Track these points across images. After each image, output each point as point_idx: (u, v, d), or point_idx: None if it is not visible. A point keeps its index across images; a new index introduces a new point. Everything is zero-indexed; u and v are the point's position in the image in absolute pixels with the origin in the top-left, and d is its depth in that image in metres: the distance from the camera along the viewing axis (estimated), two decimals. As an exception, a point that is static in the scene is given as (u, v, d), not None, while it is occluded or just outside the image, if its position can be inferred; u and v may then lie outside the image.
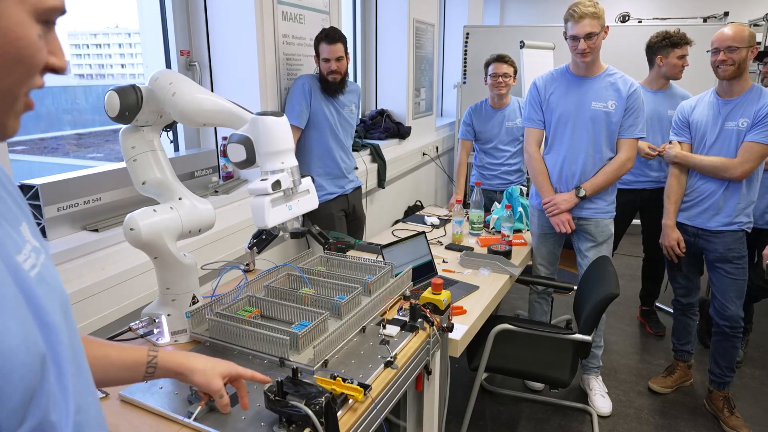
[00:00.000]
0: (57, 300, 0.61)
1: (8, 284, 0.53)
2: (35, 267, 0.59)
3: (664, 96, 3.00)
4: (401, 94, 4.06)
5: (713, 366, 2.55)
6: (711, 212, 2.43)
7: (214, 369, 1.02)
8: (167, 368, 0.98)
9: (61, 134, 5.78)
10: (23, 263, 0.57)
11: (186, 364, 1.00)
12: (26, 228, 0.63)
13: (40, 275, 0.59)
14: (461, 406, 2.41)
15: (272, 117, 1.26)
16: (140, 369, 0.95)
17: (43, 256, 0.62)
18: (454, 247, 2.63)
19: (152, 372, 0.96)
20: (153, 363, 0.96)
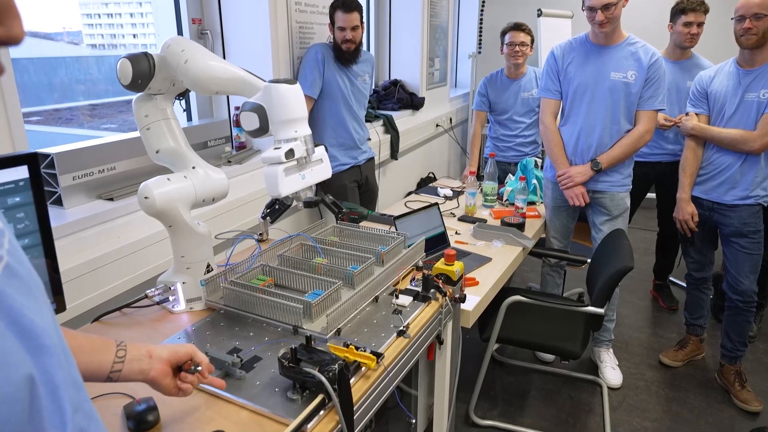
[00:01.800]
0: (30, 292, 0.51)
1: None
2: (2, 259, 0.48)
3: (684, 67, 2.90)
4: (415, 64, 4.00)
5: (725, 340, 2.54)
6: (727, 186, 2.39)
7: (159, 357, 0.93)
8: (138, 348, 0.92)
9: (75, 105, 5.79)
10: None
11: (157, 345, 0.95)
12: None
13: (8, 269, 0.49)
14: (472, 376, 2.43)
15: (285, 84, 1.25)
16: (110, 349, 0.89)
17: (6, 239, 0.51)
18: (467, 219, 2.62)
19: (123, 355, 0.89)
20: (122, 345, 0.90)
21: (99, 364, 0.86)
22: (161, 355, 0.93)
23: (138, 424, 1.01)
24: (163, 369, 0.93)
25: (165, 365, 0.93)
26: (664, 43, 2.95)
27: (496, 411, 2.42)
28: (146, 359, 0.91)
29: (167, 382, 0.94)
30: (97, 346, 0.87)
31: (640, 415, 2.40)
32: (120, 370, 0.88)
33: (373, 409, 1.19)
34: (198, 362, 0.98)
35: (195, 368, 0.97)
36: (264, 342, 1.28)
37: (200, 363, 0.98)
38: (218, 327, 1.36)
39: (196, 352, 0.98)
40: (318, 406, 1.04)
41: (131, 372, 0.89)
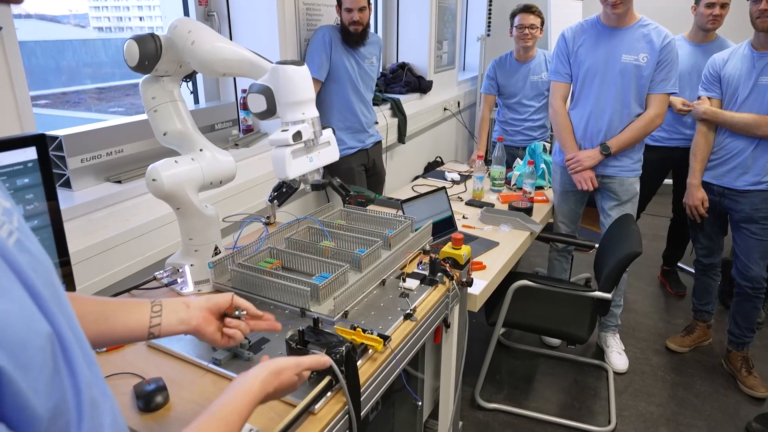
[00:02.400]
0: (40, 267, 0.53)
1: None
2: (12, 234, 0.51)
3: (707, 50, 2.77)
4: (423, 46, 3.96)
5: (733, 326, 2.53)
6: (739, 171, 2.36)
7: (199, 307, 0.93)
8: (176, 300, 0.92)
9: (82, 88, 5.78)
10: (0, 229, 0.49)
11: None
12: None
13: (19, 243, 0.51)
14: (478, 360, 2.45)
15: (293, 66, 1.23)
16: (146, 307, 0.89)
17: (16, 218, 0.54)
18: (474, 203, 2.61)
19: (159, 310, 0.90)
20: (158, 301, 0.91)
21: (136, 322, 0.87)
22: (200, 303, 0.93)
23: (147, 403, 1.02)
24: (205, 317, 0.92)
25: (206, 312, 0.92)
26: (682, 25, 2.89)
27: (501, 394, 2.44)
28: (184, 309, 0.91)
29: (212, 329, 0.93)
30: (131, 307, 0.88)
31: (645, 400, 2.40)
32: (159, 324, 0.88)
33: (380, 391, 1.20)
34: (241, 307, 0.97)
35: (239, 313, 0.96)
36: (272, 324, 1.29)
37: (244, 308, 0.97)
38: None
39: (236, 298, 0.97)
40: (325, 387, 1.04)
41: (171, 324, 0.89)
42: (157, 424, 1.00)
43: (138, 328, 0.87)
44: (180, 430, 0.97)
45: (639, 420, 2.29)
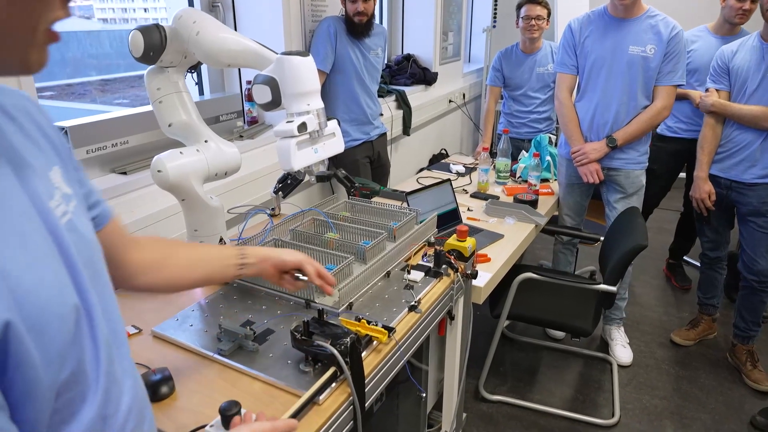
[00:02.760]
0: (86, 248, 0.60)
1: (40, 231, 0.53)
2: (66, 214, 0.58)
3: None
4: (428, 38, 3.93)
5: (738, 320, 2.53)
6: (746, 164, 2.34)
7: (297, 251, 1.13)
8: (256, 255, 1.07)
9: (87, 80, 5.79)
10: (55, 209, 0.56)
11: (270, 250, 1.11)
12: (58, 173, 0.61)
13: (71, 223, 0.58)
14: (482, 352, 2.45)
15: (298, 57, 1.23)
16: (234, 260, 1.04)
17: (74, 203, 0.61)
18: (479, 196, 2.60)
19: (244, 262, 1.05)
20: (243, 253, 1.06)
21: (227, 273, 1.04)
22: (272, 262, 1.09)
23: (154, 393, 1.03)
24: (273, 273, 1.10)
25: (274, 270, 1.09)
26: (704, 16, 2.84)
27: (505, 387, 2.44)
28: (260, 264, 1.07)
29: (274, 280, 1.12)
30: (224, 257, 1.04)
31: (649, 393, 2.40)
32: (242, 274, 1.06)
33: (384, 382, 1.20)
34: (304, 272, 1.11)
35: (297, 277, 1.12)
36: (277, 315, 1.29)
37: (307, 273, 1.11)
38: (231, 300, 1.37)
39: (304, 265, 1.11)
40: (330, 378, 1.05)
41: (250, 274, 1.08)
42: (163, 414, 1.00)
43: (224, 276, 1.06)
44: (185, 419, 0.98)
45: (643, 413, 2.29)
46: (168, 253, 0.96)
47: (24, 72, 0.52)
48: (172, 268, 0.96)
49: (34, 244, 0.51)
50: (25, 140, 0.59)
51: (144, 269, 0.91)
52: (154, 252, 0.94)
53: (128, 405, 0.62)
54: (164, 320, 1.28)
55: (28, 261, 0.49)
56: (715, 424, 2.23)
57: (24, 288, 0.48)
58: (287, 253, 1.10)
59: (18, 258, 0.49)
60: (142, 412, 0.66)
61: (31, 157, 0.58)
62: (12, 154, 0.56)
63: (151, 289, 0.96)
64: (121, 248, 0.86)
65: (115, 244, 0.83)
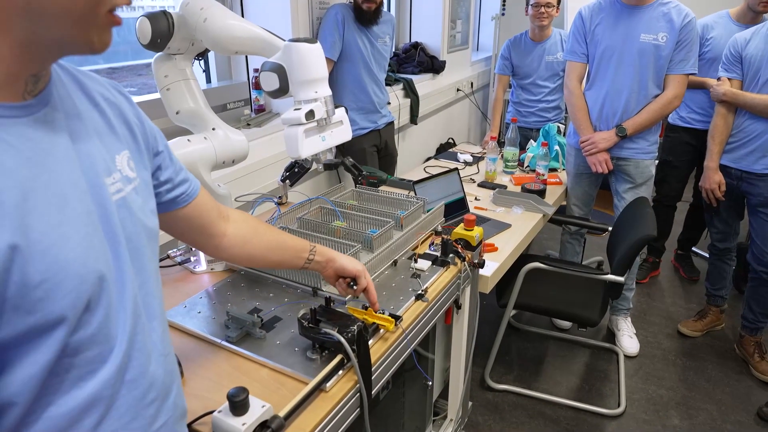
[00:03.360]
0: (133, 226, 0.66)
1: (83, 200, 0.58)
2: (120, 192, 0.64)
3: None
4: (436, 26, 3.90)
5: (747, 311, 2.51)
6: (758, 154, 2.31)
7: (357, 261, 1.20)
8: (323, 255, 1.15)
9: (95, 68, 5.79)
10: (109, 186, 0.63)
11: (336, 254, 1.17)
12: (126, 157, 0.68)
13: (123, 200, 0.65)
14: (488, 342, 2.45)
15: (306, 44, 1.22)
16: (304, 255, 1.12)
17: (132, 186, 0.67)
18: (487, 185, 2.59)
19: (312, 258, 1.13)
20: (314, 250, 1.13)
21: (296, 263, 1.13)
22: (334, 264, 1.16)
23: (162, 379, 1.04)
24: (331, 275, 1.18)
25: (333, 272, 1.17)
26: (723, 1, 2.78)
27: (511, 376, 2.45)
28: (324, 264, 1.16)
29: (330, 281, 1.21)
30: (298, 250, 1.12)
31: (655, 383, 2.40)
32: (307, 267, 1.15)
33: (391, 370, 1.21)
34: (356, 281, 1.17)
35: (351, 284, 1.18)
36: (284, 303, 1.30)
37: (358, 283, 1.17)
38: (239, 288, 1.38)
39: (359, 277, 1.17)
40: (337, 366, 1.05)
41: (312, 269, 1.16)
42: (172, 399, 1.01)
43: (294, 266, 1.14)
44: (193, 404, 0.99)
45: (649, 403, 2.29)
46: (254, 232, 1.05)
47: (90, 51, 0.57)
48: (254, 246, 1.05)
49: (71, 208, 0.56)
50: (101, 122, 0.67)
51: (231, 242, 1.00)
52: (242, 228, 1.03)
53: (153, 375, 0.67)
54: (172, 307, 1.29)
55: (60, 220, 0.54)
56: (722, 414, 2.23)
57: (45, 244, 0.52)
58: (349, 261, 1.17)
59: (49, 216, 0.54)
60: (169, 387, 0.71)
61: (99, 137, 0.65)
62: (78, 128, 0.62)
63: (233, 260, 1.05)
64: (211, 220, 0.96)
65: (204, 215, 0.94)
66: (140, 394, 0.65)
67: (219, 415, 0.89)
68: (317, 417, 0.97)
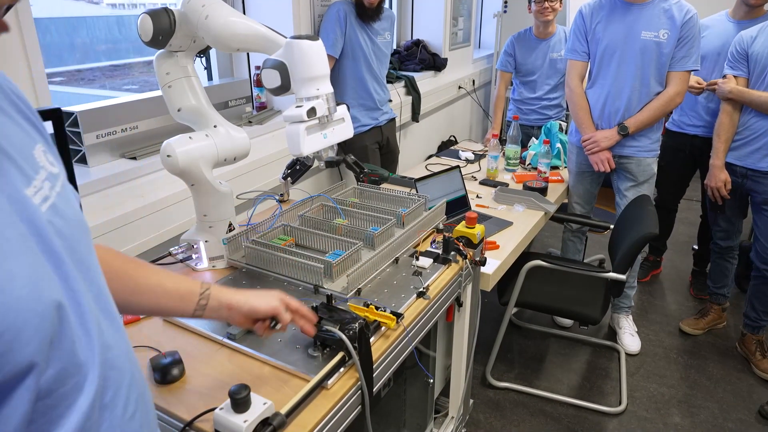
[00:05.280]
0: (72, 233, 0.56)
1: (14, 224, 0.49)
2: (48, 199, 0.54)
3: (744, 28, 2.48)
4: (438, 23, 3.89)
5: (749, 310, 2.51)
6: (764, 152, 2.31)
7: (271, 294, 1.01)
8: (220, 300, 0.95)
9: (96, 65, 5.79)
10: (33, 197, 0.52)
11: (240, 295, 0.98)
12: (41, 151, 0.57)
13: (53, 208, 0.54)
14: (490, 339, 2.45)
15: (307, 41, 1.22)
16: (192, 299, 0.93)
17: (60, 183, 0.57)
18: (488, 183, 2.59)
19: (204, 304, 0.94)
20: (205, 295, 0.94)
21: (183, 311, 0.94)
22: (241, 310, 0.97)
23: (164, 376, 1.04)
24: (242, 321, 0.99)
25: (243, 318, 0.98)
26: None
27: (512, 374, 2.45)
28: (225, 311, 0.97)
29: (246, 326, 1.01)
30: (181, 295, 0.93)
31: (657, 381, 2.40)
32: (201, 315, 0.95)
33: (392, 368, 1.21)
34: (277, 319, 1.00)
35: (273, 326, 1.00)
36: (285, 300, 1.30)
37: (280, 321, 1.00)
38: (240, 285, 1.38)
39: (280, 313, 0.99)
40: (338, 363, 1.05)
41: (212, 318, 0.98)
42: (173, 397, 1.01)
43: (183, 314, 0.95)
44: (195, 401, 0.99)
45: (650, 401, 2.29)
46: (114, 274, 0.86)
47: None
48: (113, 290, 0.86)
49: (4, 239, 0.47)
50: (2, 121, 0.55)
51: None
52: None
53: (128, 389, 0.60)
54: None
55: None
56: (723, 413, 2.23)
57: None
58: (259, 298, 0.98)
59: None
60: (144, 396, 0.65)
61: (6, 139, 0.53)
62: None
63: None
64: None
65: None
66: (121, 411, 0.59)
67: (221, 413, 0.89)
68: (319, 414, 0.97)
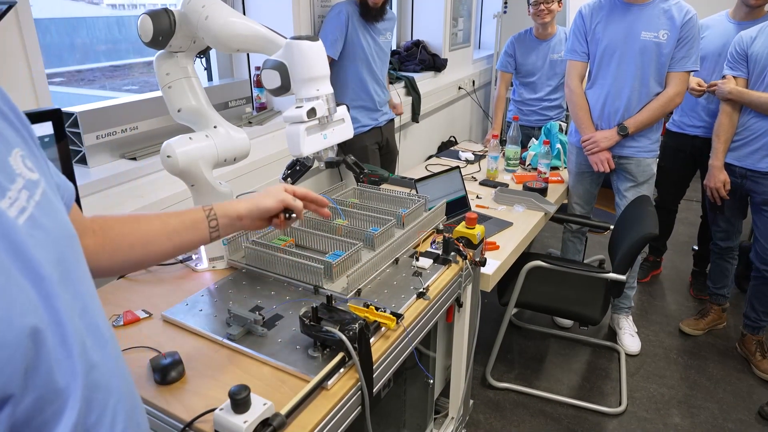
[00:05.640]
0: (54, 244, 0.52)
1: None
2: (25, 210, 0.50)
3: (744, 28, 2.47)
4: (438, 24, 3.89)
5: (749, 310, 2.51)
6: (763, 152, 2.31)
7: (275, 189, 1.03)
8: (228, 215, 0.96)
9: (97, 66, 5.79)
10: (8, 209, 0.48)
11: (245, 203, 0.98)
12: (18, 156, 0.52)
13: (31, 220, 0.50)
14: (490, 340, 2.45)
15: (307, 41, 1.22)
16: (203, 225, 0.94)
17: (39, 191, 0.53)
18: (488, 183, 2.59)
19: (215, 225, 0.94)
20: (213, 215, 0.95)
21: (200, 238, 0.94)
22: (252, 215, 0.99)
23: (164, 376, 1.04)
24: (258, 224, 1.01)
25: (257, 221, 1.01)
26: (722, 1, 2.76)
27: (512, 374, 2.45)
28: (238, 222, 0.98)
29: (264, 227, 1.04)
30: (188, 225, 0.93)
31: (657, 382, 2.40)
32: (218, 235, 0.96)
33: (392, 368, 1.21)
34: (292, 210, 1.02)
35: (289, 216, 1.03)
36: (285, 301, 1.30)
37: (294, 210, 1.02)
38: (240, 285, 1.38)
39: (290, 203, 1.02)
40: (338, 364, 1.05)
41: (228, 233, 0.99)
42: (173, 397, 1.01)
43: (201, 241, 0.95)
44: (195, 402, 0.99)
45: (650, 402, 2.29)
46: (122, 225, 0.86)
47: None
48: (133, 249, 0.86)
49: None
50: None
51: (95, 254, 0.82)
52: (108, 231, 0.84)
53: (114, 408, 0.56)
54: (174, 305, 1.29)
55: None
56: (723, 413, 2.23)
57: None
58: (266, 197, 1.00)
59: None
60: (134, 411, 0.61)
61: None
62: None
63: (112, 270, 0.87)
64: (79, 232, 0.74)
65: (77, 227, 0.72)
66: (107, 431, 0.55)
67: (221, 413, 0.89)
68: (319, 415, 0.97)
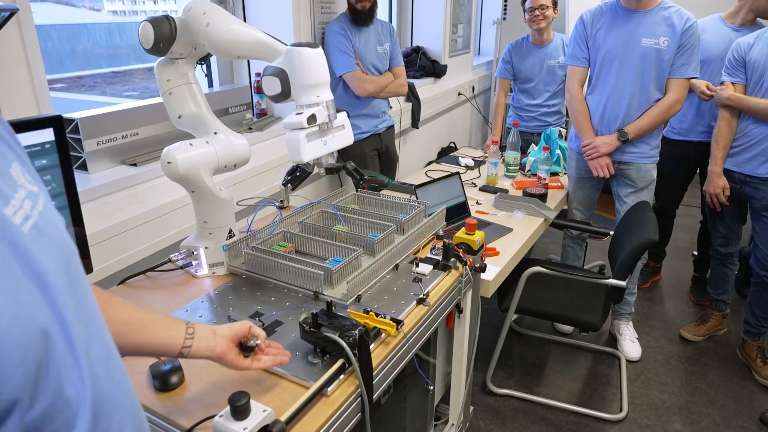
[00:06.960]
0: (58, 254, 0.53)
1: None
2: (29, 219, 0.50)
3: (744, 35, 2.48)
4: (438, 30, 3.91)
5: (749, 316, 2.50)
6: (762, 158, 2.31)
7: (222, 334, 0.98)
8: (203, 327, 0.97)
9: (97, 72, 5.81)
10: (12, 216, 0.48)
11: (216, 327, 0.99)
12: (18, 170, 0.53)
13: (36, 228, 0.50)
14: (490, 346, 2.45)
15: (308, 48, 1.23)
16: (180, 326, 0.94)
17: (41, 202, 0.53)
18: (488, 189, 2.59)
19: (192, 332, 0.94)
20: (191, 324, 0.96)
21: (173, 339, 0.92)
22: (223, 332, 0.98)
23: (163, 383, 1.04)
24: (228, 345, 0.98)
25: (228, 341, 0.98)
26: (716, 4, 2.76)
27: (513, 380, 2.44)
28: (212, 337, 0.97)
29: (233, 355, 0.99)
30: (169, 324, 0.93)
31: (658, 388, 2.39)
32: (190, 346, 0.93)
33: (392, 374, 1.21)
34: (255, 335, 1.01)
35: (253, 342, 1.00)
36: (285, 307, 1.30)
37: (257, 336, 1.01)
38: (240, 292, 1.38)
39: (253, 326, 1.02)
40: (338, 370, 1.05)
41: (200, 349, 0.95)
42: (173, 404, 1.01)
43: (173, 345, 0.92)
44: (195, 409, 0.99)
45: (651, 408, 2.28)
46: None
47: None
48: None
49: None
50: None
51: None
52: None
53: (121, 420, 0.56)
54: (174, 311, 1.29)
55: None
56: (724, 420, 2.22)
57: None
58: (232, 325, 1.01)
59: None
60: (139, 426, 0.60)
61: None
62: None
63: None
64: None
65: None
66: None
67: (220, 420, 0.89)
68: (318, 421, 0.97)
